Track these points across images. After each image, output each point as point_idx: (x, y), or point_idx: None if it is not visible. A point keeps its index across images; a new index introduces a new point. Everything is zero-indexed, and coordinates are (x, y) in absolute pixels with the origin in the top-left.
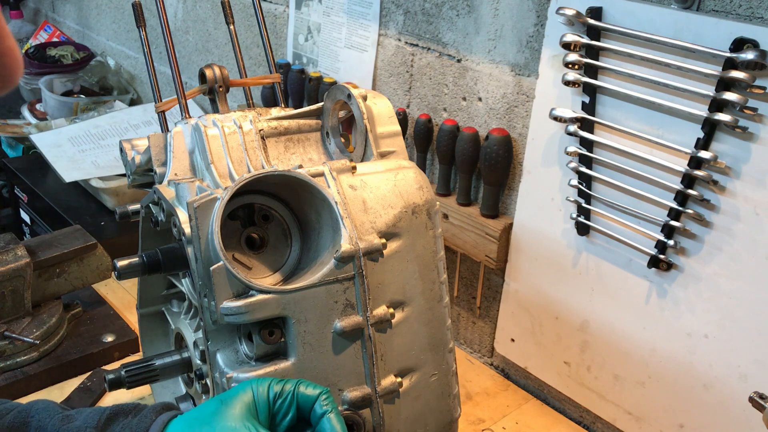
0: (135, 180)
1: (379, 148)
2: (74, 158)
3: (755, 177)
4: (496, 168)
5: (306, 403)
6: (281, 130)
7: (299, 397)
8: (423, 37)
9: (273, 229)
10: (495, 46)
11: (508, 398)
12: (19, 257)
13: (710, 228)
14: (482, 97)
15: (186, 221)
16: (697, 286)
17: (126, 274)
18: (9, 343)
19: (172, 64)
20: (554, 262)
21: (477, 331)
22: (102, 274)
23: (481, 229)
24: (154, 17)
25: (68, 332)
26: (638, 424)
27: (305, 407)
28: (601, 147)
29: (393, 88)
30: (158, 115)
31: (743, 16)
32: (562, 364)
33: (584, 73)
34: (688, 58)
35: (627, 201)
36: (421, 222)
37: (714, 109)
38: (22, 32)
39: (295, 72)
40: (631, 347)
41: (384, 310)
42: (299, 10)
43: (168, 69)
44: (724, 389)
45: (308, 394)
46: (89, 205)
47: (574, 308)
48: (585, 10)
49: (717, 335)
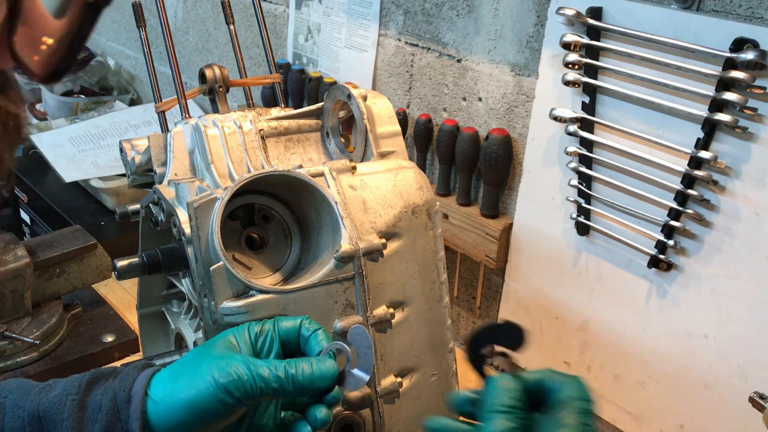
0: (135, 180)
1: (379, 148)
2: (74, 158)
3: (755, 177)
4: (496, 168)
5: (289, 334)
6: (281, 130)
7: (280, 331)
8: (423, 37)
9: (273, 229)
10: (495, 46)
11: None
12: (19, 257)
13: (710, 228)
14: (482, 97)
15: (186, 221)
16: (697, 286)
17: (126, 274)
18: (9, 343)
19: (172, 64)
20: (554, 262)
21: None
22: (102, 274)
23: (481, 229)
24: (154, 17)
25: (68, 332)
26: (638, 424)
27: (290, 340)
28: (601, 147)
29: (393, 88)
30: (158, 115)
31: (743, 16)
32: (562, 364)
33: (584, 73)
34: (688, 58)
35: (627, 201)
36: (421, 222)
37: (714, 109)
38: None
39: (295, 72)
40: (631, 347)
41: (384, 310)
42: (299, 10)
43: (168, 69)
44: (724, 389)
45: (289, 326)
46: (89, 205)
47: (574, 308)
48: (585, 10)
49: (717, 335)
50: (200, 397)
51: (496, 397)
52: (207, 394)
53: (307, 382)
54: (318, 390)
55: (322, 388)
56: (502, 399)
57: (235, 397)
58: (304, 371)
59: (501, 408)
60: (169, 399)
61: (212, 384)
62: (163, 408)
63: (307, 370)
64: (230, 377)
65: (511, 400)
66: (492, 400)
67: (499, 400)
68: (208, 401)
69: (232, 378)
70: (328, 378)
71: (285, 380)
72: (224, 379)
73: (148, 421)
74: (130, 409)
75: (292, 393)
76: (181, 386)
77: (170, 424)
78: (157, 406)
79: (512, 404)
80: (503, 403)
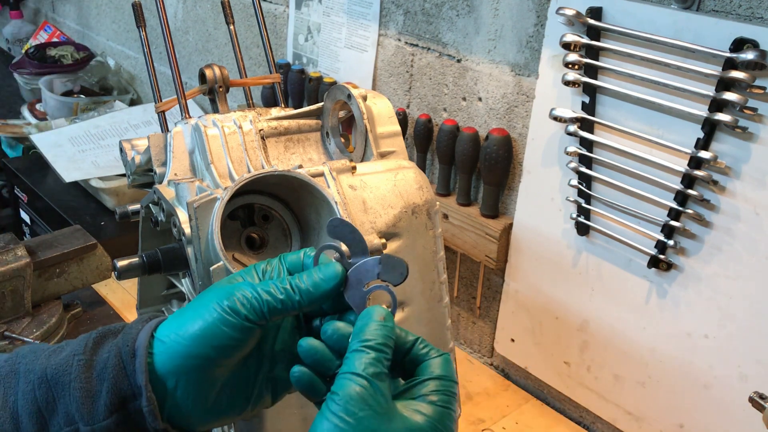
0: (135, 180)
1: (379, 148)
2: (74, 158)
3: (755, 177)
4: (496, 168)
5: (295, 266)
6: (281, 130)
7: (287, 263)
8: (423, 37)
9: (273, 229)
10: (495, 46)
11: (508, 398)
12: (19, 257)
13: (710, 228)
14: (482, 97)
15: (186, 221)
16: (697, 286)
17: (126, 274)
18: (9, 343)
19: (172, 64)
20: (554, 262)
21: (477, 331)
22: (102, 274)
23: (481, 229)
24: (154, 17)
25: (68, 332)
26: (638, 424)
27: (297, 271)
28: (601, 147)
29: (393, 88)
30: (158, 115)
31: (743, 16)
32: (562, 364)
33: (584, 73)
34: (688, 58)
35: (627, 201)
36: (421, 222)
37: (714, 109)
38: (22, 32)
39: (295, 72)
40: (631, 347)
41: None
42: (299, 10)
43: (168, 69)
44: (724, 389)
45: (294, 258)
46: (89, 205)
47: (574, 308)
48: (585, 10)
49: (717, 335)
50: (207, 324)
51: (369, 331)
52: (213, 320)
53: (313, 287)
54: (326, 293)
55: (329, 290)
56: (375, 335)
57: (242, 315)
58: (307, 278)
59: (374, 345)
60: (176, 334)
61: (217, 308)
62: (171, 345)
63: (309, 277)
64: (235, 297)
65: (385, 338)
66: (364, 332)
67: (372, 334)
68: (215, 327)
69: (237, 298)
70: (332, 277)
71: (290, 290)
72: (229, 301)
73: (155, 371)
74: (135, 363)
75: (300, 303)
76: (186, 320)
77: (181, 362)
78: (164, 346)
79: (384, 343)
80: (377, 341)
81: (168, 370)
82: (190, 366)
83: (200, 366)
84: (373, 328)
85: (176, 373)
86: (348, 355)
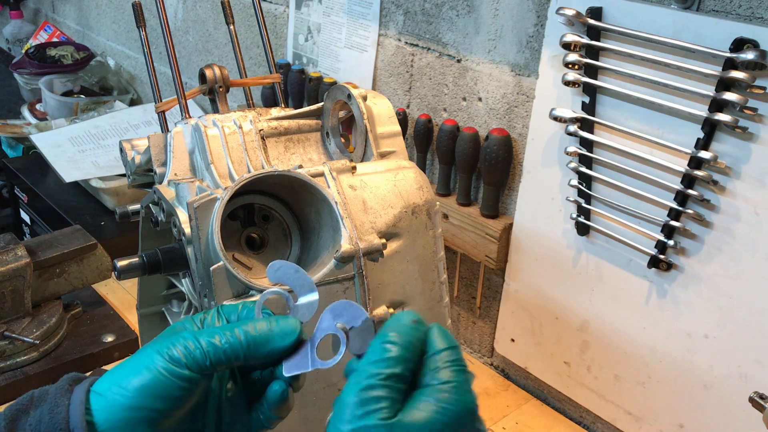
0: (135, 180)
1: (379, 148)
2: (74, 158)
3: (755, 177)
4: (496, 168)
5: (232, 313)
6: (281, 130)
7: (223, 310)
8: (423, 37)
9: (273, 229)
10: (495, 46)
11: (508, 398)
12: (19, 257)
13: (710, 228)
14: (482, 97)
15: (186, 221)
16: (697, 286)
17: (126, 274)
18: (9, 343)
19: (172, 64)
20: (554, 262)
21: (477, 331)
22: (102, 274)
23: (481, 229)
24: (154, 17)
25: (68, 332)
26: (638, 424)
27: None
28: (601, 147)
29: (393, 88)
30: (158, 115)
31: (743, 16)
32: (562, 364)
33: (584, 73)
34: (688, 58)
35: (627, 201)
36: (421, 222)
37: (714, 109)
38: (22, 32)
39: (295, 72)
40: (631, 347)
41: (384, 310)
42: (299, 10)
43: (168, 69)
44: (724, 389)
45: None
46: (89, 205)
47: (574, 308)
48: (585, 10)
49: (717, 335)
50: (150, 374)
51: (404, 335)
52: (156, 370)
53: (265, 338)
54: (276, 349)
55: (285, 347)
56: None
57: (184, 365)
58: (256, 328)
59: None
60: (117, 386)
61: (159, 357)
62: (113, 399)
63: (260, 327)
64: (177, 347)
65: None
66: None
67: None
68: (159, 376)
69: (179, 348)
70: (290, 332)
71: (234, 338)
72: (171, 350)
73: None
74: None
75: (246, 353)
76: (128, 372)
77: (124, 414)
78: (104, 401)
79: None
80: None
81: (111, 426)
82: (134, 419)
83: (145, 419)
84: None
85: (120, 428)
86: None
